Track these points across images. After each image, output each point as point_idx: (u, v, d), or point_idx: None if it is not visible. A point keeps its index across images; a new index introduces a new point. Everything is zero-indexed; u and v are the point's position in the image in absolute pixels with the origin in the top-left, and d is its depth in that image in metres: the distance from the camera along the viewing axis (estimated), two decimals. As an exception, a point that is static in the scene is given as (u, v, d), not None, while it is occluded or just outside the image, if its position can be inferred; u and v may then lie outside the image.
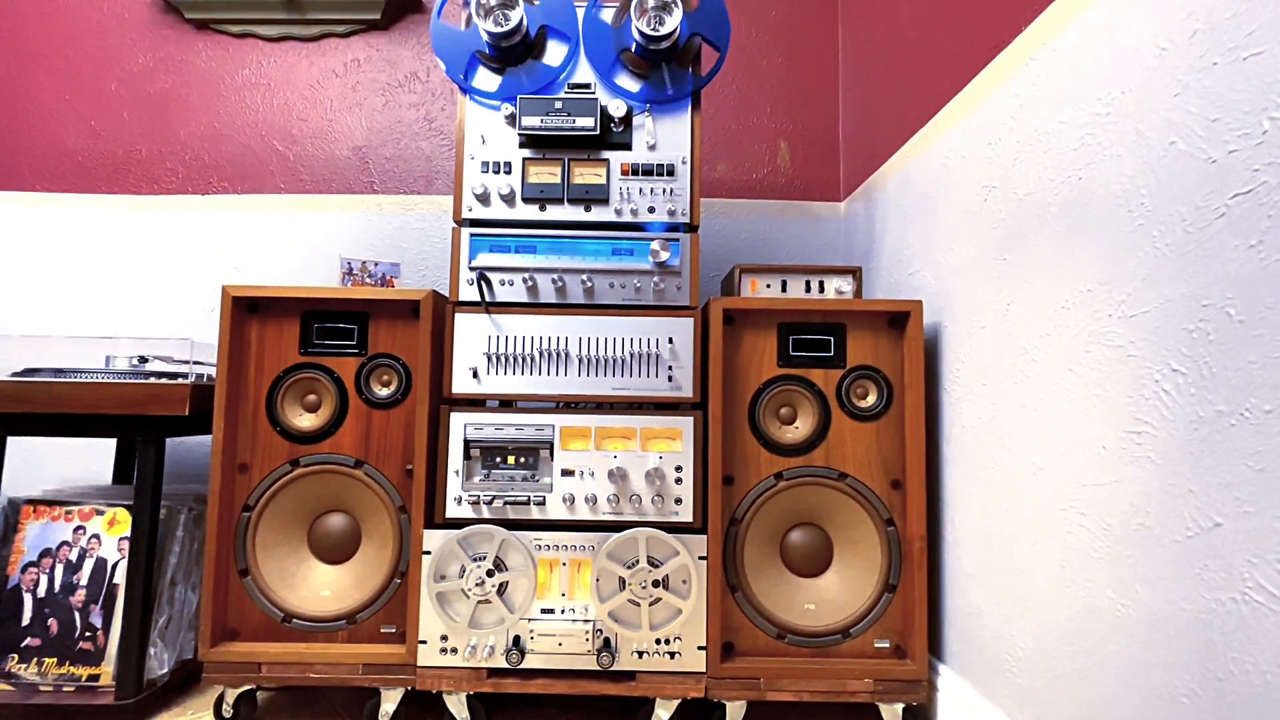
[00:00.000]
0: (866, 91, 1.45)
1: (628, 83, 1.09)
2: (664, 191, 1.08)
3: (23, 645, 1.07)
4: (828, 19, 1.63)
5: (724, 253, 1.58)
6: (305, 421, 1.07)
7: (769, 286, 1.14)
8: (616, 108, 1.06)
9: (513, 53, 1.07)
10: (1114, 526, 0.66)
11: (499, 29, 1.03)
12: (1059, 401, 0.76)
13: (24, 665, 1.06)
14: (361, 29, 1.62)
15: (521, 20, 1.04)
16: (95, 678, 1.06)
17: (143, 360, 1.13)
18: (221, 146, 1.60)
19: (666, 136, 1.09)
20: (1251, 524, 0.52)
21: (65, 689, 1.05)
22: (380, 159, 1.60)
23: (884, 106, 1.34)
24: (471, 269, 1.06)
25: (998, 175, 0.90)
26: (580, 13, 1.10)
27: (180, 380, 1.07)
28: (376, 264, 1.14)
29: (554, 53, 1.10)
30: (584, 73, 1.10)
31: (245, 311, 1.07)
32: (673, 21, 1.03)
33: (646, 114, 1.08)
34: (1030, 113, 0.83)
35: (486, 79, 1.09)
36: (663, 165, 1.08)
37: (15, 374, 1.11)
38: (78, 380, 1.05)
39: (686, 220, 1.08)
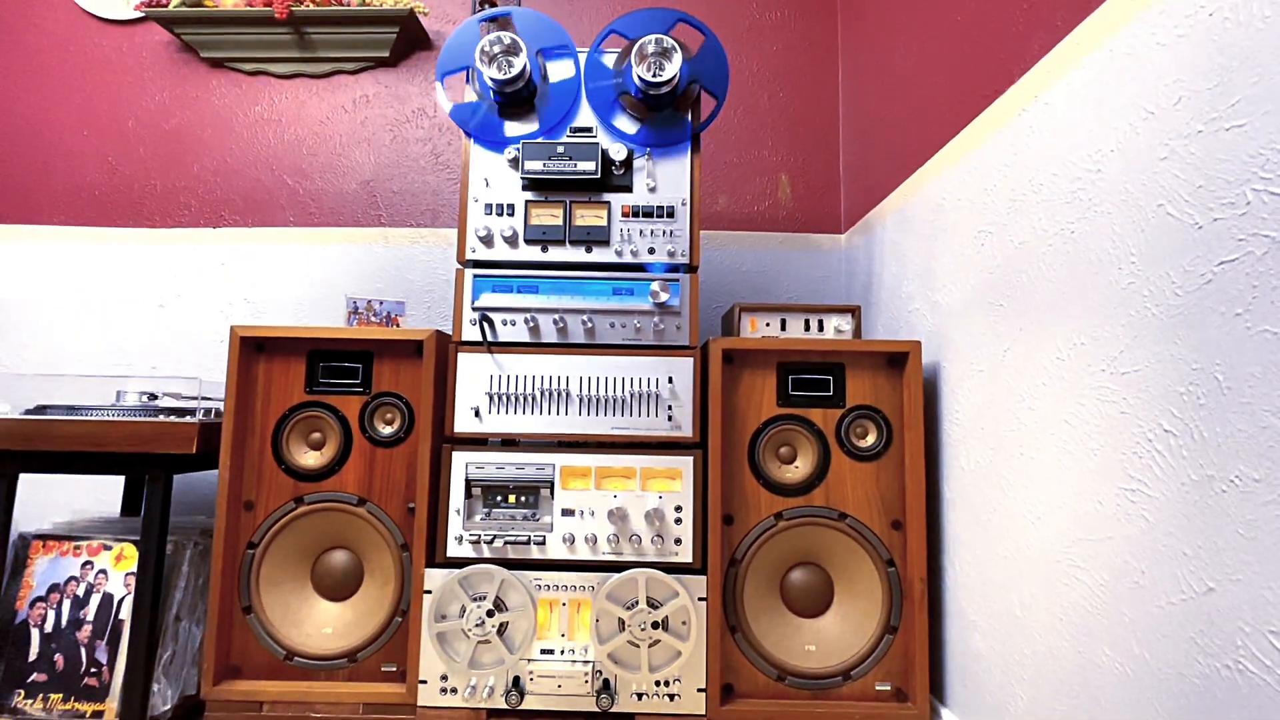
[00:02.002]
0: (866, 126, 1.46)
1: (627, 125, 1.11)
2: (664, 233, 1.09)
3: (29, 680, 1.08)
4: (828, 55, 1.65)
5: (725, 285, 1.59)
6: (310, 459, 1.09)
7: (768, 325, 1.15)
8: (617, 151, 1.09)
9: (518, 97, 1.10)
10: (1110, 583, 0.66)
11: (503, 75, 1.06)
12: (1055, 452, 0.76)
13: (30, 701, 1.07)
14: (370, 66, 1.65)
15: (525, 67, 1.06)
16: (99, 714, 1.06)
17: (152, 397, 1.15)
18: (234, 181, 1.63)
19: (666, 179, 1.11)
20: (1243, 592, 0.52)
21: (70, 725, 1.05)
22: (388, 193, 1.63)
23: (883, 142, 1.36)
24: (475, 309, 1.08)
25: (993, 221, 0.91)
26: (583, 58, 1.13)
27: (188, 418, 1.09)
28: (382, 302, 1.16)
29: (559, 70, 1.12)
30: (585, 116, 1.12)
31: (253, 351, 1.09)
32: (672, 68, 1.05)
33: (646, 157, 1.10)
34: (1024, 162, 0.84)
35: (515, 127, 1.11)
36: (663, 207, 1.10)
37: (28, 411, 1.14)
38: (87, 419, 1.07)
39: (686, 261, 1.09)
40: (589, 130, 1.11)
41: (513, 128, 1.11)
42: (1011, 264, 0.86)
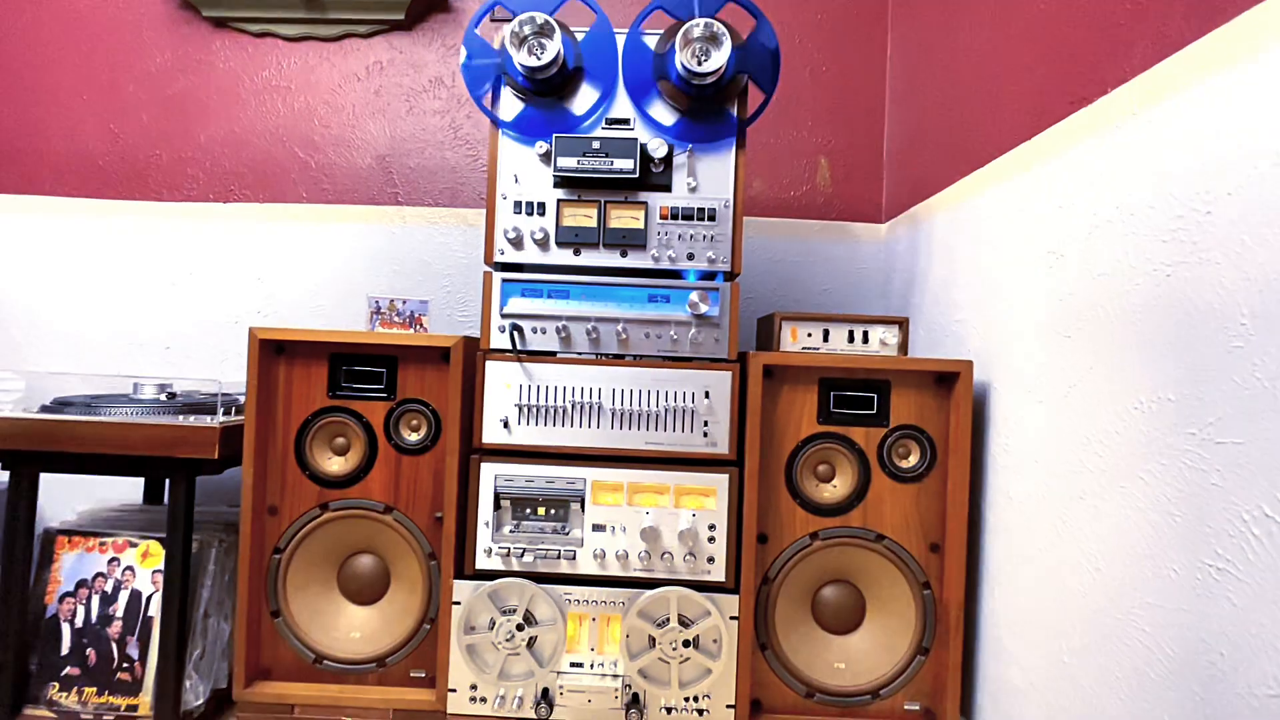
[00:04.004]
0: (915, 112, 1.36)
1: (665, 116, 1.03)
2: (704, 237, 1.03)
3: (63, 674, 1.09)
4: (876, 28, 1.53)
5: (757, 276, 1.52)
6: (334, 465, 1.06)
7: (810, 335, 1.10)
8: (657, 147, 1.01)
9: (550, 84, 1.01)
10: (1181, 657, 0.63)
11: (537, 61, 0.97)
12: (1123, 506, 0.72)
13: (65, 694, 1.08)
14: (384, 29, 1.54)
15: (559, 51, 0.97)
16: (134, 708, 1.08)
17: (171, 396, 1.12)
18: (242, 152, 1.55)
19: (708, 177, 1.03)
20: (1348, 705, 0.48)
21: (105, 718, 1.07)
22: (404, 169, 1.55)
23: (935, 133, 1.26)
24: (504, 316, 1.03)
25: (1068, 243, 0.84)
26: (621, 40, 1.03)
27: (209, 420, 1.05)
28: (405, 301, 1.11)
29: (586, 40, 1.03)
30: (621, 106, 1.04)
31: (272, 353, 1.05)
32: (720, 57, 0.96)
33: (688, 154, 1.02)
34: (1112, 185, 0.76)
35: (552, 117, 1.02)
36: (704, 210, 1.02)
37: (45, 406, 1.11)
38: (108, 420, 1.04)
39: (727, 268, 1.03)
40: (626, 122, 1.03)
41: (549, 117, 1.03)
42: (1087, 294, 0.80)
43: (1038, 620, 0.87)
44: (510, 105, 1.04)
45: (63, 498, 1.38)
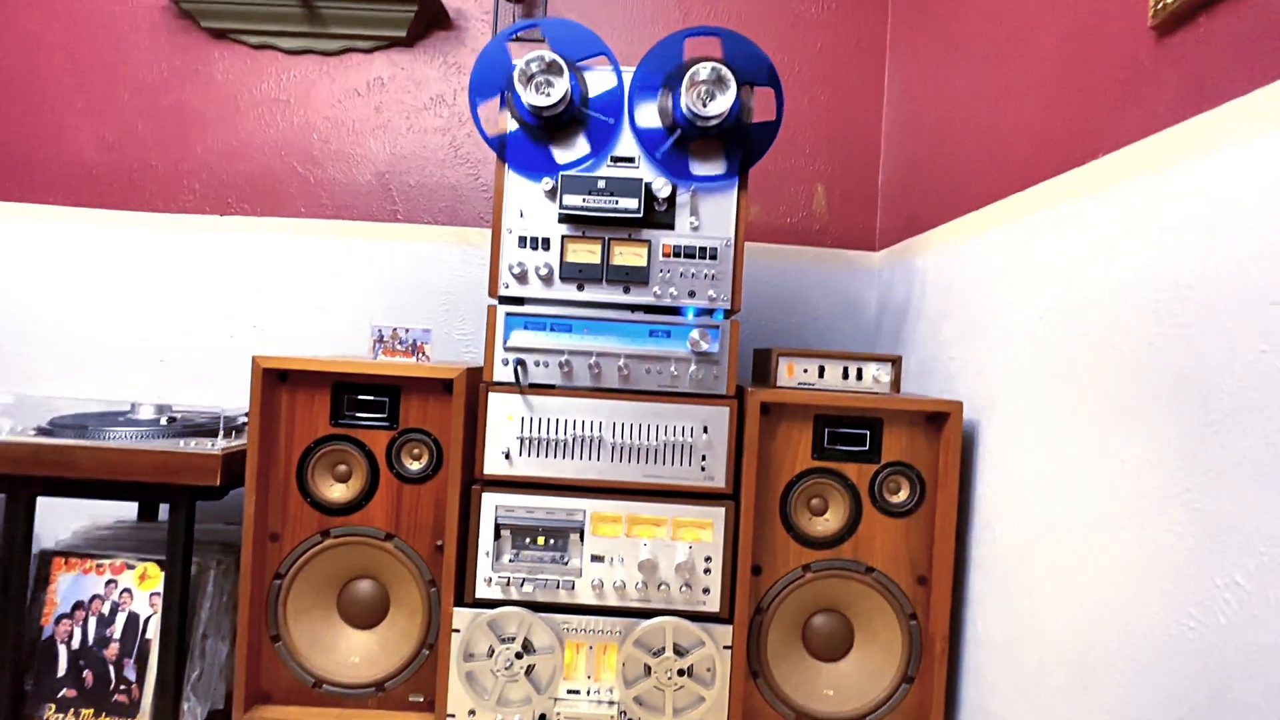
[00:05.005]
0: (911, 146, 1.39)
1: (670, 155, 1.04)
2: (706, 275, 1.05)
3: (59, 695, 1.09)
4: (874, 59, 1.55)
5: (752, 301, 1.55)
6: (336, 493, 1.07)
7: (805, 371, 1.13)
8: (661, 187, 1.02)
9: (559, 121, 1.02)
10: (1159, 705, 0.67)
11: (545, 101, 0.98)
12: (1106, 558, 0.75)
13: (61, 715, 1.09)
14: (385, 45, 1.54)
15: (567, 90, 0.98)
16: (131, 729, 1.09)
17: (171, 420, 1.12)
18: (239, 165, 1.54)
19: (711, 216, 1.05)
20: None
21: (102, 739, 1.08)
22: (404, 186, 1.55)
23: (930, 168, 1.29)
24: (507, 350, 1.04)
25: (1058, 298, 0.87)
26: (628, 77, 1.05)
27: (211, 448, 1.06)
28: (408, 330, 1.12)
29: (598, 84, 1.04)
30: (626, 144, 1.05)
31: (275, 381, 1.05)
32: (724, 101, 0.98)
33: (691, 193, 1.04)
34: (1101, 250, 0.80)
35: (558, 153, 1.03)
36: (705, 249, 1.05)
37: (40, 428, 1.10)
38: (109, 445, 1.04)
39: (728, 305, 1.05)
40: (631, 160, 1.05)
41: (555, 154, 1.04)
42: (1075, 350, 0.83)
43: (1020, 655, 0.91)
44: (516, 140, 1.05)
45: (57, 514, 1.38)
